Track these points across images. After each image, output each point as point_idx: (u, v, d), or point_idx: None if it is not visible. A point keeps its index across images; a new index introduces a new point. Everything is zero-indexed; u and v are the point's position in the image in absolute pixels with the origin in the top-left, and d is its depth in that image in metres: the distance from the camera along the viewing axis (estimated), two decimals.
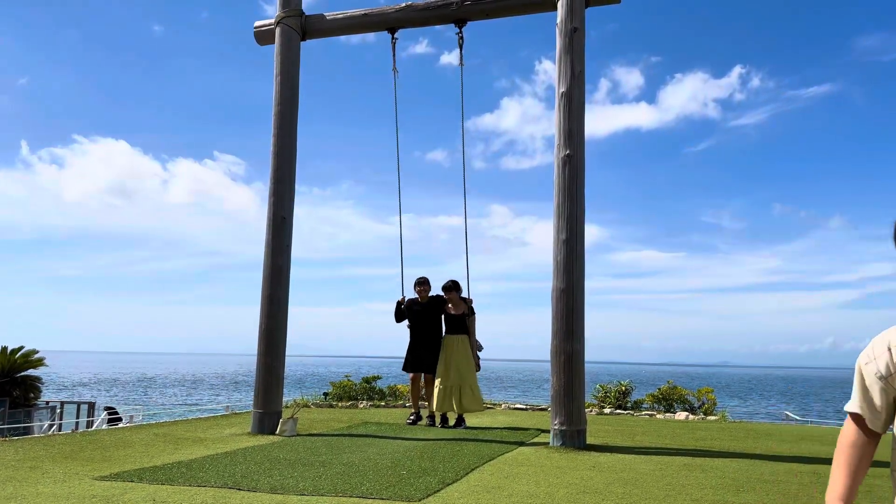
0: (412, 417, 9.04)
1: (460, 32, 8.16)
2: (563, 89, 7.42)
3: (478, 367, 8.79)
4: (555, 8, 7.62)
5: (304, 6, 8.74)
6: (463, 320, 8.74)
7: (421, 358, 8.86)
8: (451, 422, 8.81)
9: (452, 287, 8.79)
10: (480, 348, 8.83)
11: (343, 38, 9.15)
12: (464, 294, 8.86)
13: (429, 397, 8.89)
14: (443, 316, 8.91)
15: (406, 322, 9.08)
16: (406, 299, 9.07)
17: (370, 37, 9.10)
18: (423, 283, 8.98)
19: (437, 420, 8.84)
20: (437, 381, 8.63)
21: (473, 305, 8.82)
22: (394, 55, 8.53)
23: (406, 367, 9.00)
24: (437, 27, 8.47)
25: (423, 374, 8.95)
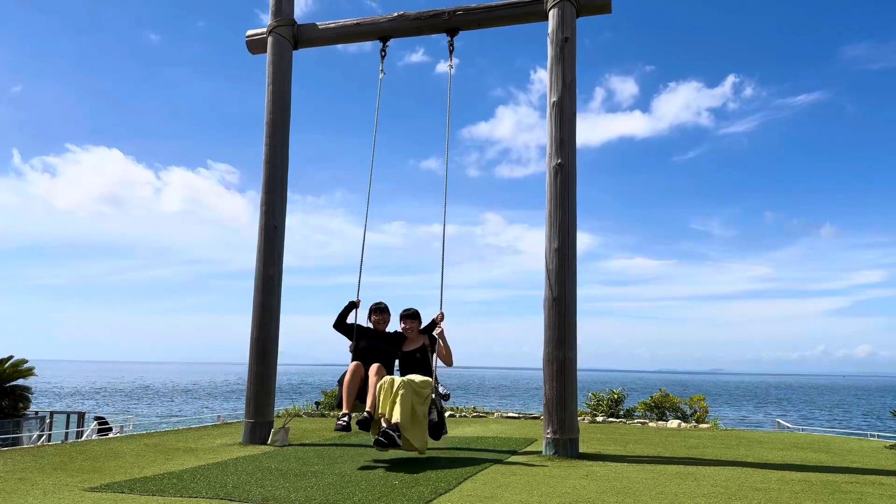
0: (344, 421, 6.37)
1: (451, 42, 8.19)
2: (554, 98, 7.46)
3: (439, 429, 6.36)
4: (546, 18, 7.67)
5: (300, 14, 8.77)
6: (416, 358, 6.70)
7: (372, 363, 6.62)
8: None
9: (413, 315, 6.87)
10: (445, 396, 6.57)
11: (340, 47, 9.17)
12: (426, 320, 6.98)
13: (370, 392, 6.41)
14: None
15: (349, 345, 6.94)
16: (357, 311, 7.08)
17: (367, 46, 9.02)
18: (382, 311, 6.97)
19: (377, 428, 6.30)
20: (385, 377, 6.39)
21: (443, 326, 6.78)
22: (382, 60, 8.47)
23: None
24: (433, 36, 8.48)
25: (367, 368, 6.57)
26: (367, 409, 6.30)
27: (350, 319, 7.05)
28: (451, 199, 8.68)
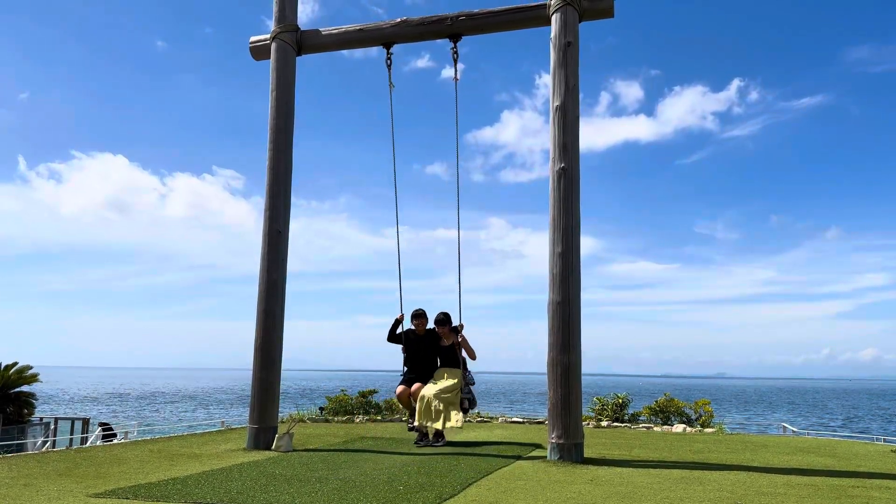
0: (413, 425, 8.48)
1: (455, 47, 8.20)
2: (557, 103, 7.46)
3: (472, 404, 8.51)
4: (549, 23, 7.67)
5: (304, 20, 8.80)
6: (453, 352, 8.53)
7: (414, 381, 8.63)
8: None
9: (444, 321, 8.54)
10: (472, 382, 8.60)
11: (346, 52, 9.19)
12: (455, 322, 8.54)
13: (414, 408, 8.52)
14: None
15: (400, 347, 8.76)
16: (402, 324, 8.71)
17: (372, 51, 9.02)
18: (420, 317, 8.67)
19: (427, 435, 8.42)
20: (420, 394, 8.33)
21: (463, 332, 8.47)
22: (389, 70, 8.55)
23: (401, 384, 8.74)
24: (437, 41, 8.47)
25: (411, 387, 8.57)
26: (417, 423, 8.31)
27: (398, 331, 8.74)
28: (455, 204, 8.67)
